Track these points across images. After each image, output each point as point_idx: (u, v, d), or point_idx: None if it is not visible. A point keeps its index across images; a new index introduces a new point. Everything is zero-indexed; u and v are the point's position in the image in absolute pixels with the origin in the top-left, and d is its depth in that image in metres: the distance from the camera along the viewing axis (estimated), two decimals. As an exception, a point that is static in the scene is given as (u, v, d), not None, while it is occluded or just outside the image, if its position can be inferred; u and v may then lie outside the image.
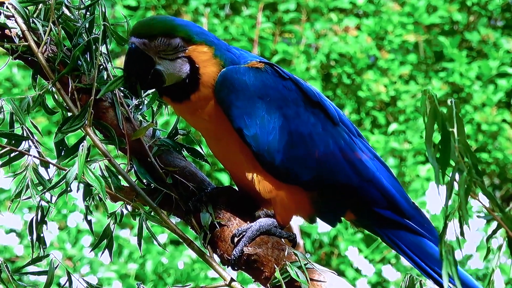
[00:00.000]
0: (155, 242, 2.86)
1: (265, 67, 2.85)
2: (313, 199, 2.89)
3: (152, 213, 2.85)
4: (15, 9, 2.85)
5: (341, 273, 8.29)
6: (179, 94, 2.81)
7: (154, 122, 2.94)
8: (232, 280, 2.84)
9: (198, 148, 2.98)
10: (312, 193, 2.88)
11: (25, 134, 2.84)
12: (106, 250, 2.85)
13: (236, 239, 2.82)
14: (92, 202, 2.77)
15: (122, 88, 2.92)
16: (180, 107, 2.84)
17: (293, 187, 2.86)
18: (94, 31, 2.88)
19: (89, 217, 2.83)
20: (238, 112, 2.79)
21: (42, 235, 2.85)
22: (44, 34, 2.85)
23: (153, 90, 2.91)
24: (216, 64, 2.81)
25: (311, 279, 2.75)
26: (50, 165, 2.85)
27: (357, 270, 8.39)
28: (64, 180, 2.73)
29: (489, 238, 2.27)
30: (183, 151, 2.95)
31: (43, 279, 2.84)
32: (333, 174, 2.87)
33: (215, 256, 2.87)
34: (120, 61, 8.31)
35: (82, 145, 2.77)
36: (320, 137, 2.86)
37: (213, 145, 2.90)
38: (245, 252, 2.80)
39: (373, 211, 2.93)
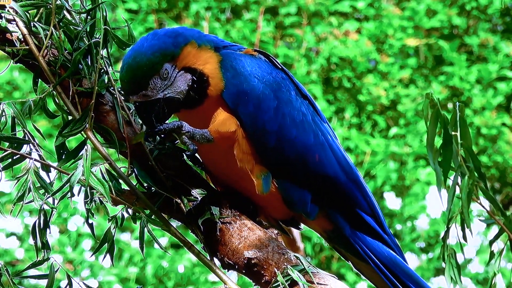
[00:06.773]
0: (155, 246, 2.86)
1: (258, 55, 2.88)
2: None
3: (152, 217, 2.85)
4: (16, 13, 2.84)
5: (341, 277, 8.28)
6: (196, 97, 2.82)
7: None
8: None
9: (197, 154, 2.97)
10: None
11: (26, 138, 2.84)
12: (107, 254, 2.85)
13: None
14: (93, 205, 2.77)
15: (122, 92, 2.92)
16: (194, 112, 2.84)
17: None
18: (95, 35, 2.88)
19: (90, 221, 2.83)
20: (235, 90, 2.80)
21: (46, 239, 2.84)
22: (45, 38, 2.85)
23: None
24: (206, 50, 2.83)
25: (312, 283, 2.75)
26: (51, 168, 2.85)
27: (358, 274, 8.37)
28: (68, 183, 2.73)
29: (491, 243, 2.27)
30: (184, 155, 2.94)
31: (43, 282, 2.83)
32: (322, 165, 2.87)
33: (216, 260, 2.86)
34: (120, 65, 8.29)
35: (86, 149, 2.77)
36: (311, 127, 2.88)
37: (214, 159, 2.88)
38: (245, 256, 2.81)
39: (356, 215, 2.92)
